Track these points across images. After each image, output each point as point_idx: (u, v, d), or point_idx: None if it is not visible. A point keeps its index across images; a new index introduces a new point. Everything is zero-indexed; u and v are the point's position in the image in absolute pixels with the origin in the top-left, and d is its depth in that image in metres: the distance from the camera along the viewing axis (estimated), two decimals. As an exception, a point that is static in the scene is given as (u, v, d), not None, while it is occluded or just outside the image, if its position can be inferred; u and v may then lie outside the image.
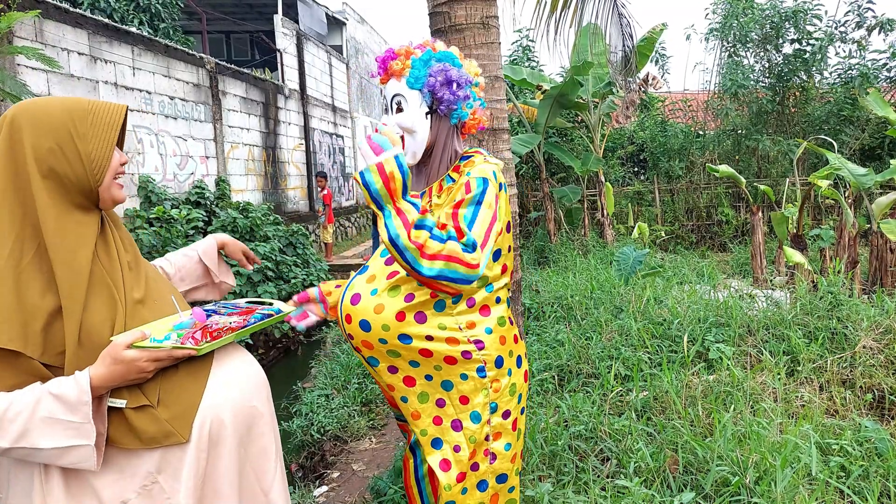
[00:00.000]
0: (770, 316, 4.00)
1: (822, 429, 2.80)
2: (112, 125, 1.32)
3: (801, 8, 10.64)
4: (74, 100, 1.32)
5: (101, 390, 1.22)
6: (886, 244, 5.72)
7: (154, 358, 1.24)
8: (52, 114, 1.27)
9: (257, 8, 17.60)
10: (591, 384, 3.57)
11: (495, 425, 1.71)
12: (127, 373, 1.22)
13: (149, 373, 1.26)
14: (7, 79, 4.50)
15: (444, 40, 2.70)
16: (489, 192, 1.61)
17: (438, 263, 1.47)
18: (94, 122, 1.30)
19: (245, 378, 1.41)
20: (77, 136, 1.28)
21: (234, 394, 1.37)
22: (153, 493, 1.27)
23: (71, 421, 1.18)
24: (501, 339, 1.70)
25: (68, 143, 1.27)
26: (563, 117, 10.09)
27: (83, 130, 1.28)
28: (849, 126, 10.75)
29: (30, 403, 1.18)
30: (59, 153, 1.26)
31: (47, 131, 1.26)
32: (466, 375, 1.66)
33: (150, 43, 8.52)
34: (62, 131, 1.27)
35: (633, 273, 5.64)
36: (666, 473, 2.52)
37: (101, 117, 1.31)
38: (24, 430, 1.17)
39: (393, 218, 1.49)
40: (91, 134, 1.29)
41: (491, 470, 1.74)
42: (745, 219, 11.32)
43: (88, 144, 1.29)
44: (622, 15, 6.74)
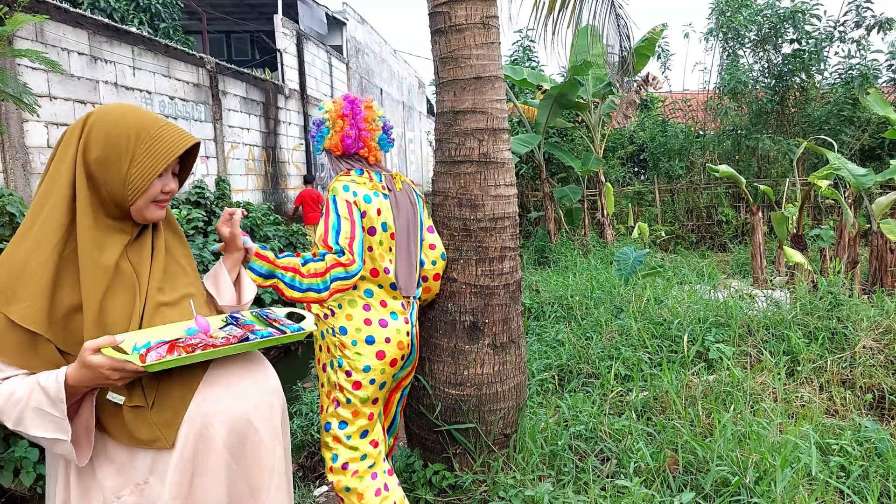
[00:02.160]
0: (770, 316, 4.00)
1: (822, 429, 2.80)
2: (165, 156, 1.33)
3: (799, 8, 10.64)
4: (151, 120, 1.35)
5: (75, 389, 1.22)
6: (886, 244, 5.72)
7: (114, 367, 1.19)
8: (121, 126, 1.31)
9: (257, 8, 17.59)
10: (591, 384, 3.58)
11: (340, 378, 2.25)
12: (93, 378, 1.20)
13: (115, 381, 1.22)
14: (9, 80, 4.50)
15: (444, 40, 2.71)
16: (339, 204, 2.16)
17: (328, 276, 2.07)
18: (151, 149, 1.32)
19: (247, 393, 1.37)
20: (127, 156, 1.31)
21: (229, 406, 1.34)
22: (144, 493, 1.29)
23: (53, 414, 1.21)
24: (348, 316, 2.24)
25: (116, 159, 1.31)
26: (564, 117, 10.09)
27: (137, 152, 1.31)
28: (849, 126, 10.75)
29: (27, 391, 1.22)
30: (104, 165, 1.30)
31: (105, 140, 1.30)
32: (324, 334, 2.29)
33: (151, 43, 8.52)
34: (118, 146, 1.31)
35: (633, 273, 5.64)
36: (666, 473, 2.52)
37: (159, 145, 1.33)
38: (20, 417, 1.22)
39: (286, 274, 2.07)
40: (141, 158, 1.32)
41: (335, 413, 2.28)
42: (745, 219, 11.32)
43: (133, 167, 1.31)
44: (619, 16, 6.74)
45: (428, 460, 2.83)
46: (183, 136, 1.36)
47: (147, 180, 1.32)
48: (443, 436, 2.77)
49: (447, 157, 2.76)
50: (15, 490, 3.69)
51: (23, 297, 1.24)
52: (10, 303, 1.24)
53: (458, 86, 2.69)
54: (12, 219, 4.06)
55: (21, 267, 1.26)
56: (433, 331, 2.80)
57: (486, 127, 2.70)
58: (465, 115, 2.69)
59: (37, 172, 6.34)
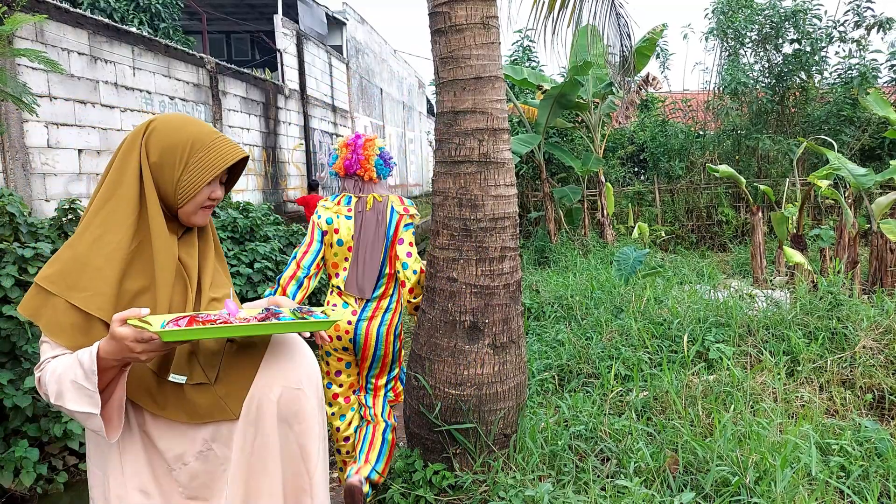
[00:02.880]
0: (770, 316, 4.00)
1: (822, 429, 2.80)
2: (215, 167, 1.43)
3: (800, 8, 10.64)
4: (207, 131, 1.46)
5: (107, 363, 1.28)
6: (886, 244, 5.72)
7: (138, 338, 1.24)
8: (179, 133, 1.43)
9: (257, 8, 17.59)
10: (591, 384, 3.58)
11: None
12: (120, 350, 1.25)
13: (139, 354, 1.26)
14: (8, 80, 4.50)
15: (444, 40, 2.71)
16: (310, 225, 2.88)
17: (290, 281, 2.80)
18: (203, 159, 1.43)
19: (296, 369, 1.49)
20: (181, 163, 1.42)
21: (285, 379, 1.46)
22: (209, 459, 1.43)
23: (87, 388, 1.28)
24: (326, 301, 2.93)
25: (171, 165, 1.42)
26: (564, 117, 10.09)
27: (191, 160, 1.43)
28: (849, 126, 10.75)
29: (67, 367, 1.31)
30: (160, 168, 1.42)
31: (164, 146, 1.42)
32: None
33: (151, 43, 8.52)
34: (174, 153, 1.42)
35: (634, 273, 5.64)
36: (666, 473, 2.52)
37: (211, 156, 1.44)
38: (60, 391, 1.30)
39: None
40: (193, 166, 1.43)
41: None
42: (745, 219, 11.32)
43: (186, 174, 1.42)
44: (619, 15, 6.74)
45: (428, 460, 2.82)
46: (234, 149, 1.47)
47: (197, 187, 1.43)
48: (443, 436, 2.77)
49: (447, 157, 2.76)
50: (15, 490, 3.69)
51: (85, 286, 1.36)
52: (72, 290, 1.35)
53: (458, 86, 2.69)
54: (12, 219, 4.06)
55: (84, 260, 1.38)
56: (433, 331, 2.80)
57: (486, 127, 2.70)
58: (465, 115, 2.69)
59: (37, 172, 6.34)
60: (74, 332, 1.36)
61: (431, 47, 2.80)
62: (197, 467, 1.43)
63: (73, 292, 1.36)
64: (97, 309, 1.36)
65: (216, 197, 1.49)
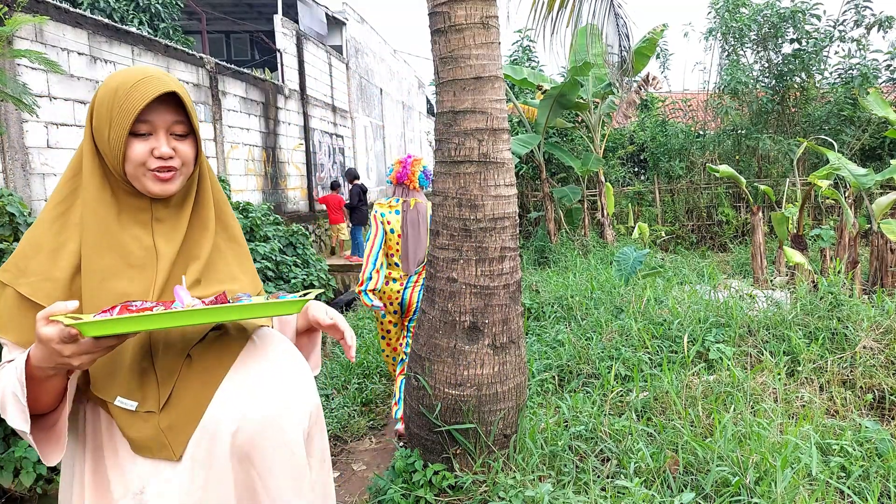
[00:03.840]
0: (770, 316, 4.00)
1: (822, 429, 2.80)
2: (131, 111, 1.17)
3: (799, 8, 10.64)
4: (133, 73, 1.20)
5: (41, 371, 1.07)
6: (887, 244, 5.72)
7: (63, 338, 1.00)
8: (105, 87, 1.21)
9: (257, 8, 17.59)
10: (591, 384, 3.57)
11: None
12: (49, 355, 1.03)
13: (68, 358, 1.03)
14: (8, 80, 4.50)
15: (443, 40, 2.71)
16: (372, 221, 3.74)
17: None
18: (122, 105, 1.18)
19: (268, 388, 1.22)
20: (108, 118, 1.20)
21: (246, 404, 1.19)
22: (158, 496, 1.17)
23: (20, 401, 1.08)
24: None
25: (104, 124, 1.20)
26: (564, 117, 10.08)
27: (113, 112, 1.19)
28: (849, 126, 10.75)
29: (8, 377, 1.11)
30: (98, 132, 1.21)
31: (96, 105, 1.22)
32: None
33: (150, 43, 8.51)
34: (101, 109, 1.21)
35: (634, 273, 5.64)
36: (666, 474, 2.51)
37: (129, 100, 1.18)
38: (3, 403, 1.11)
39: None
40: (116, 118, 1.19)
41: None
42: (745, 219, 11.32)
43: (112, 129, 1.19)
44: (618, 15, 6.74)
45: (428, 460, 2.82)
46: (154, 86, 1.18)
47: (120, 141, 1.18)
48: (443, 436, 2.77)
49: (447, 157, 2.75)
50: (15, 490, 3.69)
51: (34, 270, 1.18)
52: (20, 277, 1.18)
53: (458, 86, 2.69)
54: (12, 219, 4.05)
55: (38, 241, 1.21)
56: (433, 331, 2.80)
57: (486, 127, 2.70)
58: (465, 115, 2.69)
59: (36, 172, 6.34)
60: (24, 327, 1.15)
61: (431, 47, 2.80)
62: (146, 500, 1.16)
63: (20, 279, 1.18)
64: (45, 297, 1.15)
65: (163, 154, 1.20)
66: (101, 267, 1.19)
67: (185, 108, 1.23)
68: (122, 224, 1.23)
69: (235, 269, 1.34)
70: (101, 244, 1.20)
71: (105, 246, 1.20)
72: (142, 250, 1.22)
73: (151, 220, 1.25)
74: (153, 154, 1.20)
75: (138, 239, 1.23)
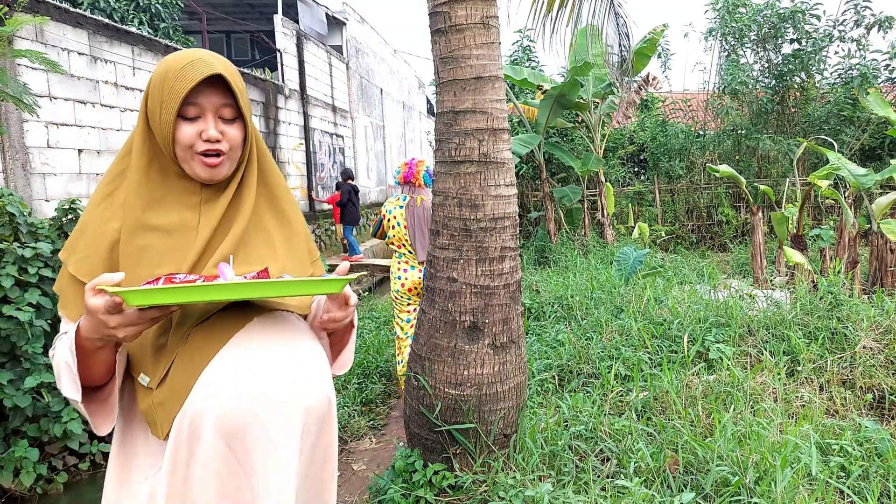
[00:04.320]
0: (770, 316, 4.00)
1: (822, 429, 2.80)
2: (178, 95, 1.17)
3: (799, 8, 10.64)
4: (183, 56, 1.20)
5: (90, 342, 1.10)
6: (886, 244, 5.72)
7: (108, 308, 1.02)
8: (158, 70, 1.22)
9: (257, 8, 17.59)
10: (591, 384, 3.58)
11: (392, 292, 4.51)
12: (96, 326, 1.05)
13: (114, 329, 1.04)
14: (8, 80, 4.50)
15: (444, 40, 2.71)
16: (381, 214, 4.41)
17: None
18: (171, 88, 1.18)
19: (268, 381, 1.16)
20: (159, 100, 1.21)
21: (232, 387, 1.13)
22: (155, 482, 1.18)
23: (72, 370, 1.12)
24: (395, 267, 4.43)
25: (156, 106, 1.21)
26: (564, 117, 10.08)
27: (164, 95, 1.20)
28: (849, 126, 10.75)
29: (63, 348, 1.15)
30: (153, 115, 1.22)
31: (150, 88, 1.23)
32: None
33: (151, 43, 8.51)
34: (154, 91, 1.22)
35: (634, 273, 5.64)
36: (666, 473, 2.52)
37: (177, 83, 1.17)
38: (59, 374, 1.16)
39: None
40: (166, 101, 1.19)
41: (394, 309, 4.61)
42: (745, 219, 11.32)
43: (163, 111, 1.20)
44: (618, 14, 6.75)
45: (428, 460, 2.82)
46: (201, 69, 1.17)
47: (169, 123, 1.19)
48: (443, 436, 2.77)
49: (447, 157, 2.75)
50: (15, 490, 3.69)
51: (80, 248, 1.22)
52: (70, 256, 1.23)
53: (458, 86, 2.69)
54: (12, 219, 4.06)
55: (86, 220, 1.25)
56: (433, 331, 2.80)
57: (486, 127, 2.70)
58: (465, 115, 2.69)
59: (37, 172, 6.34)
60: (78, 302, 1.19)
61: (431, 47, 2.80)
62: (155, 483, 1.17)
63: (71, 257, 1.22)
64: (86, 273, 1.18)
65: (210, 137, 1.20)
66: (138, 246, 1.20)
67: (233, 92, 1.22)
68: (168, 205, 1.24)
69: (280, 251, 1.30)
70: (142, 224, 1.21)
71: (145, 225, 1.21)
72: (184, 230, 1.23)
73: (200, 202, 1.26)
74: (201, 137, 1.21)
75: (183, 219, 1.23)
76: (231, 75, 1.22)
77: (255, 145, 1.33)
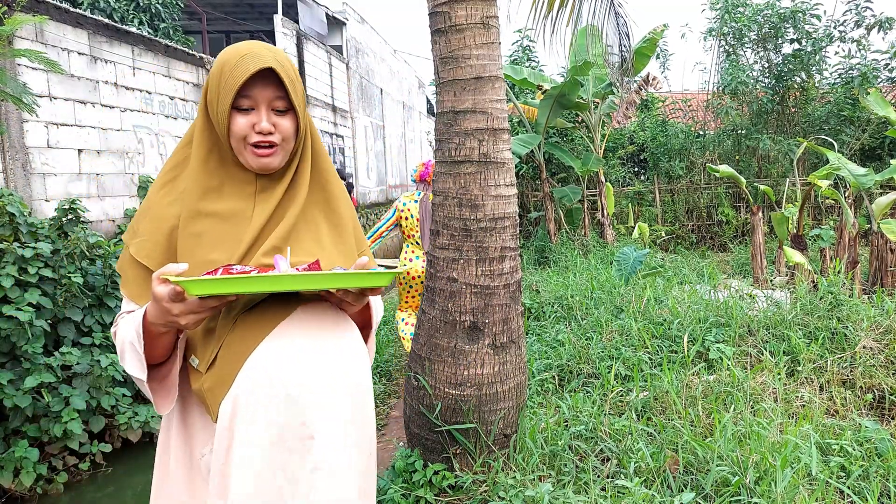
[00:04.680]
0: (770, 316, 4.00)
1: (822, 429, 2.80)
2: (232, 88, 1.21)
3: (799, 8, 10.64)
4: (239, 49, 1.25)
5: (155, 327, 1.17)
6: (886, 244, 5.72)
7: (172, 297, 1.09)
8: (217, 61, 1.27)
9: (257, 8, 17.58)
10: (591, 384, 3.57)
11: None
12: (160, 313, 1.12)
13: (177, 317, 1.11)
14: (8, 80, 4.50)
15: (444, 40, 2.71)
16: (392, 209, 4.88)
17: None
18: (226, 81, 1.22)
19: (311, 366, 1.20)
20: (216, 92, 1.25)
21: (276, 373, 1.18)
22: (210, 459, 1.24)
23: (137, 350, 1.19)
24: (403, 256, 4.90)
25: (213, 98, 1.26)
26: (564, 117, 10.08)
27: (220, 87, 1.24)
28: (849, 126, 10.75)
29: (129, 326, 1.23)
30: (211, 105, 1.28)
31: (209, 79, 1.28)
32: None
33: (151, 43, 8.51)
34: (212, 83, 1.26)
35: (634, 273, 5.64)
36: (666, 473, 2.51)
37: (231, 76, 1.22)
38: (122, 351, 1.23)
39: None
40: (223, 93, 1.24)
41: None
42: (745, 219, 11.32)
43: (219, 103, 1.25)
44: (619, 14, 6.74)
45: (428, 460, 2.82)
46: (254, 63, 1.21)
47: (224, 114, 1.23)
48: (443, 436, 2.77)
49: (447, 157, 2.75)
50: (15, 490, 3.69)
51: (141, 232, 1.28)
52: (132, 238, 1.29)
53: (458, 86, 2.69)
54: (12, 219, 4.06)
55: (147, 205, 1.31)
56: (433, 331, 2.80)
57: (486, 127, 2.70)
58: (465, 115, 2.69)
59: (37, 172, 6.34)
60: (138, 283, 1.27)
61: (431, 47, 2.80)
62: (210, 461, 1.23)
63: (132, 239, 1.29)
64: (145, 256, 1.26)
65: (263, 129, 1.23)
66: (195, 232, 1.25)
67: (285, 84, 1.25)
68: (225, 193, 1.29)
69: (326, 241, 1.33)
70: (199, 211, 1.26)
71: (202, 212, 1.26)
72: (238, 218, 1.27)
73: (256, 192, 1.30)
74: (254, 129, 1.24)
75: (238, 208, 1.28)
76: (282, 68, 1.24)
77: (310, 136, 1.36)
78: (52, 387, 3.90)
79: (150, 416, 4.38)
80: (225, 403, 1.18)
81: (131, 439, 4.35)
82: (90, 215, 6.66)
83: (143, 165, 8.30)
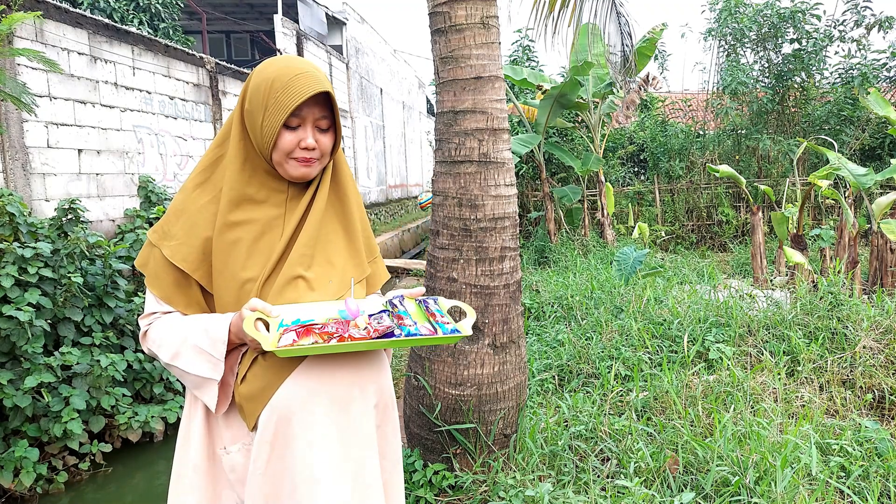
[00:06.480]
0: (770, 316, 4.00)
1: (822, 429, 2.80)
2: (285, 107, 1.28)
3: (799, 8, 10.63)
4: (292, 66, 1.31)
5: (231, 341, 1.27)
6: (886, 244, 5.72)
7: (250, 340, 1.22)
8: (263, 75, 1.32)
9: (257, 8, 17.58)
10: (591, 384, 3.57)
11: None
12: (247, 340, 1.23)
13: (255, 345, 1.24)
14: (8, 80, 4.50)
15: (444, 40, 2.71)
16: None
17: None
18: (278, 99, 1.29)
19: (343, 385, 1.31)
20: (262, 106, 1.31)
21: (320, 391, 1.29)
22: (250, 453, 1.33)
23: (211, 355, 1.27)
24: None
25: (257, 110, 1.31)
26: (564, 117, 10.08)
27: (269, 102, 1.30)
28: (849, 126, 10.75)
29: (188, 329, 1.30)
30: (250, 115, 1.34)
31: (252, 89, 1.34)
32: None
33: (150, 43, 8.51)
34: (257, 95, 1.32)
35: (634, 273, 5.63)
36: (666, 473, 2.51)
37: (285, 95, 1.28)
38: (178, 352, 1.30)
39: None
40: (271, 109, 1.29)
41: None
42: (745, 219, 11.31)
43: (266, 118, 1.30)
44: (620, 14, 6.74)
45: (428, 460, 2.82)
46: (309, 85, 1.28)
47: (273, 131, 1.30)
48: (443, 436, 2.77)
49: (447, 157, 2.75)
50: (15, 490, 3.69)
51: (176, 234, 1.33)
52: (163, 239, 1.34)
53: (458, 86, 2.69)
54: (12, 219, 4.05)
55: (182, 207, 1.35)
56: (433, 331, 2.80)
57: (486, 127, 2.70)
58: (465, 115, 2.69)
59: (37, 172, 6.34)
60: (173, 288, 1.33)
61: (431, 47, 2.80)
62: (237, 459, 1.34)
63: (164, 241, 1.34)
64: (181, 259, 1.31)
65: (308, 146, 1.31)
66: (230, 240, 1.32)
67: (332, 105, 1.34)
68: (259, 200, 1.36)
69: (342, 248, 1.43)
70: (234, 219, 1.33)
71: (237, 221, 1.33)
72: (271, 225, 1.35)
73: (287, 199, 1.38)
74: (300, 145, 1.32)
75: (271, 215, 1.35)
76: (332, 91, 1.34)
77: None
78: (51, 387, 3.90)
79: (150, 416, 4.38)
80: (263, 418, 1.28)
81: (131, 439, 4.35)
82: (90, 215, 6.65)
83: (143, 165, 8.29)
